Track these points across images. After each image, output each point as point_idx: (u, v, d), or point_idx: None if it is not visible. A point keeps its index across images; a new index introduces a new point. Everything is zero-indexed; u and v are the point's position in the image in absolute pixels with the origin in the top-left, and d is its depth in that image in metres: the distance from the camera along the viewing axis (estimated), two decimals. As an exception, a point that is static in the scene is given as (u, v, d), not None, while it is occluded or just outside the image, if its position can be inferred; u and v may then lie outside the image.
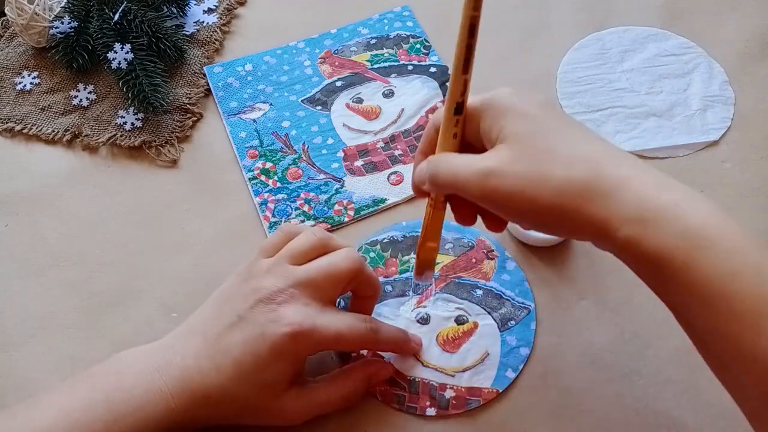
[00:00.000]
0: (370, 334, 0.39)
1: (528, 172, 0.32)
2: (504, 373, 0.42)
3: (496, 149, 0.33)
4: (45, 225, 0.51)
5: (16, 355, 0.45)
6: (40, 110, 0.57)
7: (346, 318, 0.39)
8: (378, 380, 0.42)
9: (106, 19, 0.56)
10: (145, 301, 0.47)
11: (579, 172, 0.31)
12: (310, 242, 0.40)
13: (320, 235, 0.40)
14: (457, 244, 0.48)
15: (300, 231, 0.41)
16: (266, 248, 0.41)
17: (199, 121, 0.56)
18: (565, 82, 0.57)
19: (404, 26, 0.61)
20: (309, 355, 0.39)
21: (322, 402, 0.39)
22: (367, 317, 0.41)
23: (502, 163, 0.32)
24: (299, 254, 0.39)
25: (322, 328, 0.37)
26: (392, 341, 0.41)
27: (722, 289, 0.28)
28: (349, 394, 0.40)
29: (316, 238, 0.40)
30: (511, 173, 0.32)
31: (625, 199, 0.30)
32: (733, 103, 0.55)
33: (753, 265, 0.28)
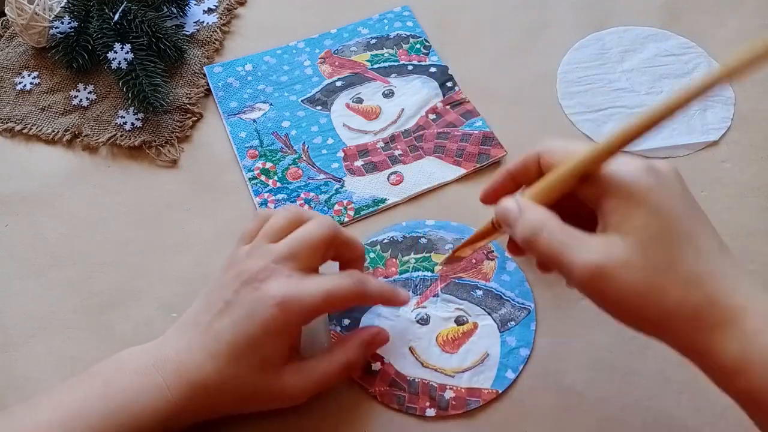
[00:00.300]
0: (359, 286, 0.39)
1: (641, 284, 0.29)
2: (504, 374, 0.42)
3: (612, 241, 0.30)
4: (45, 225, 0.51)
5: (16, 355, 0.45)
6: (40, 110, 0.57)
7: (331, 278, 0.39)
8: (375, 345, 0.41)
9: (106, 19, 0.56)
10: (145, 301, 0.47)
11: (693, 297, 0.29)
12: (285, 218, 0.40)
13: (293, 211, 0.41)
14: (457, 244, 0.48)
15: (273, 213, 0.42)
16: (244, 235, 0.41)
17: (199, 121, 0.56)
18: (565, 82, 0.57)
19: (404, 26, 0.61)
20: (302, 324, 0.39)
21: (322, 375, 0.39)
22: (352, 271, 0.41)
23: (616, 264, 0.30)
24: (275, 232, 0.40)
25: (307, 293, 0.37)
26: (380, 292, 0.41)
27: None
28: (347, 363, 0.40)
29: (290, 213, 0.41)
30: (623, 280, 0.30)
31: (732, 336, 0.29)
32: (733, 103, 0.55)
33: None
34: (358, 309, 0.45)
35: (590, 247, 0.31)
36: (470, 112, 0.55)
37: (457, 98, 0.56)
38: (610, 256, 0.30)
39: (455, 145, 0.53)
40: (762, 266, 0.47)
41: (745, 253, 0.47)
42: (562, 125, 0.55)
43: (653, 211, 0.30)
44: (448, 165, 0.52)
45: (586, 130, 0.54)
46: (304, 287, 0.37)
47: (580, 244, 0.31)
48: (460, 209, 0.50)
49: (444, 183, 0.51)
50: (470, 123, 0.54)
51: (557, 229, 0.32)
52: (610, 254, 0.30)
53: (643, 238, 0.30)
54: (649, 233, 0.30)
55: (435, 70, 0.58)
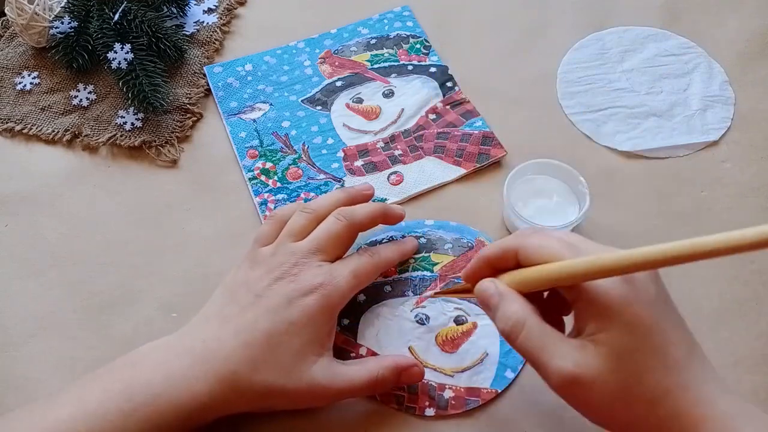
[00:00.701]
0: (374, 257, 0.43)
1: (610, 396, 0.31)
2: (503, 374, 0.42)
3: (586, 351, 0.32)
4: (45, 225, 0.51)
5: (16, 355, 0.45)
6: (40, 110, 0.57)
7: (351, 260, 0.42)
8: (409, 378, 0.41)
9: (106, 19, 0.56)
10: (145, 301, 0.47)
11: (659, 411, 0.31)
12: (306, 218, 0.43)
13: (312, 209, 0.43)
14: (456, 244, 0.48)
15: (290, 213, 0.43)
16: (261, 237, 0.43)
17: (199, 121, 0.56)
18: (565, 82, 0.57)
19: (404, 26, 0.61)
20: (340, 307, 0.40)
21: (350, 380, 0.39)
22: (365, 248, 0.44)
23: (588, 375, 0.31)
24: (298, 231, 0.42)
25: (340, 276, 0.40)
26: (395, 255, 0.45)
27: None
28: (377, 378, 0.39)
29: (309, 213, 0.43)
30: (594, 390, 0.31)
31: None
32: (733, 103, 0.55)
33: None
34: (356, 309, 0.45)
35: (565, 354, 0.32)
36: (470, 112, 0.55)
37: (457, 98, 0.56)
38: (583, 367, 0.31)
39: (455, 145, 0.53)
40: (762, 266, 0.47)
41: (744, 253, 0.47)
42: (562, 125, 0.55)
43: (627, 326, 0.31)
44: (448, 165, 0.52)
45: (586, 129, 0.54)
46: (335, 272, 0.40)
47: (556, 350, 0.32)
48: (460, 209, 0.50)
49: (444, 183, 0.51)
50: (470, 123, 0.54)
51: (536, 329, 0.33)
52: (583, 365, 0.31)
53: (616, 351, 0.31)
54: (622, 347, 0.31)
55: (435, 70, 0.58)
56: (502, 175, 0.51)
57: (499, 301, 0.35)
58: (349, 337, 0.44)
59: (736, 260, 0.47)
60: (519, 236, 0.36)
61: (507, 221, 0.48)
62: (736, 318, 0.44)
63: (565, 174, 0.48)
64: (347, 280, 0.40)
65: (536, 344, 0.33)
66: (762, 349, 0.43)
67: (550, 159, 0.48)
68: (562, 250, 0.33)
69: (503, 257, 0.36)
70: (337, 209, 0.43)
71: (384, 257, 0.44)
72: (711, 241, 0.28)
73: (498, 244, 0.37)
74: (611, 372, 0.31)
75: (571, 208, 0.47)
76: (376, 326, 0.44)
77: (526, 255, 0.35)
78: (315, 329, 0.38)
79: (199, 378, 0.36)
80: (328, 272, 0.40)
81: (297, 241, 0.42)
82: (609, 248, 0.33)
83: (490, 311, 0.35)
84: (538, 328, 0.33)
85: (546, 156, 0.48)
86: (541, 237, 0.35)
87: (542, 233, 0.36)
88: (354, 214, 0.43)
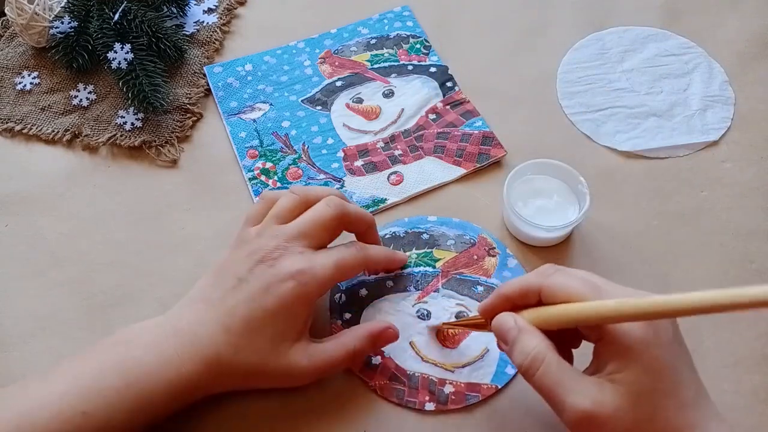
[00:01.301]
0: (361, 252, 0.42)
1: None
2: (503, 370, 0.42)
3: (604, 389, 0.33)
4: (45, 225, 0.51)
5: (16, 355, 0.45)
6: (40, 110, 0.57)
7: (337, 249, 0.41)
8: (385, 340, 0.42)
9: (106, 19, 0.56)
10: (145, 301, 0.47)
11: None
12: (294, 200, 0.42)
13: (300, 193, 0.43)
14: (458, 240, 0.48)
15: (280, 195, 0.43)
16: (251, 217, 0.43)
17: (199, 121, 0.56)
18: (565, 82, 0.57)
19: (404, 26, 0.61)
20: (317, 296, 0.40)
21: (328, 358, 0.40)
22: (353, 242, 0.43)
23: (603, 413, 0.32)
24: (285, 214, 0.42)
25: (320, 266, 0.39)
26: (381, 256, 0.44)
27: None
28: (354, 350, 0.40)
29: (298, 196, 0.42)
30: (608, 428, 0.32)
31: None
32: (733, 103, 0.55)
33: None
34: (358, 303, 0.45)
35: (582, 391, 0.33)
36: (470, 112, 0.55)
37: (457, 98, 0.56)
38: (600, 405, 0.32)
39: (455, 145, 0.53)
40: (762, 266, 0.47)
41: (745, 253, 0.47)
42: (562, 125, 0.55)
43: (646, 367, 0.32)
44: (448, 165, 0.52)
45: (586, 129, 0.54)
46: (316, 261, 0.40)
47: (574, 387, 0.33)
48: (460, 209, 0.50)
49: (444, 183, 0.52)
50: (470, 123, 0.54)
51: (554, 365, 0.34)
52: (600, 403, 0.32)
53: (633, 391, 0.32)
54: (640, 388, 0.32)
55: (435, 70, 0.58)
56: (502, 175, 0.51)
57: (518, 335, 0.35)
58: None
59: (736, 260, 0.47)
60: (540, 275, 0.36)
61: (507, 221, 0.48)
62: (736, 318, 0.44)
63: (564, 174, 0.48)
64: (327, 270, 0.39)
65: (554, 380, 0.33)
66: (762, 349, 0.43)
67: (550, 159, 0.48)
68: (585, 290, 0.34)
69: (524, 295, 0.36)
70: (329, 197, 0.42)
71: (371, 256, 0.43)
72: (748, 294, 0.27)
73: (518, 281, 0.37)
74: (627, 411, 0.32)
75: (571, 208, 0.47)
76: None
77: (550, 294, 0.35)
78: (290, 317, 0.39)
79: (185, 360, 0.37)
80: (309, 260, 0.39)
81: (283, 223, 0.41)
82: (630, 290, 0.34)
83: (507, 345, 0.36)
84: (556, 364, 0.34)
85: (546, 156, 0.48)
86: (564, 276, 0.35)
87: (564, 272, 0.36)
88: (345, 205, 0.42)
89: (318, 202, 0.42)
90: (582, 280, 0.35)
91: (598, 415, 0.32)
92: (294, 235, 0.40)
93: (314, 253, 0.40)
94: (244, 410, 0.41)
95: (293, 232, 0.40)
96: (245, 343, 0.38)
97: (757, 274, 0.46)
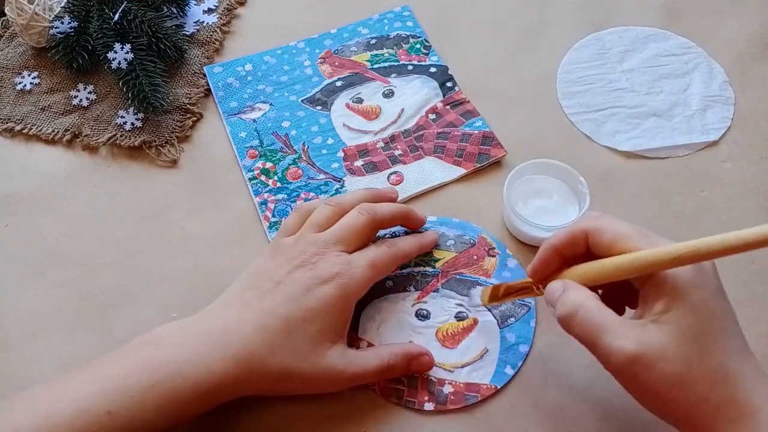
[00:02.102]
0: (393, 247, 0.44)
1: (673, 376, 0.31)
2: (503, 370, 0.42)
3: (648, 330, 0.32)
4: (45, 225, 0.51)
5: (16, 355, 0.45)
6: (40, 110, 0.57)
7: (369, 250, 0.43)
8: (419, 366, 0.42)
9: (106, 19, 0.56)
10: (145, 301, 0.47)
11: (717, 393, 0.31)
12: (329, 210, 0.44)
13: (336, 203, 0.44)
14: (458, 240, 0.48)
15: (314, 206, 0.45)
16: (286, 229, 0.44)
17: (199, 121, 0.56)
18: (565, 82, 0.57)
19: (404, 26, 0.61)
20: (357, 297, 0.41)
21: (364, 366, 0.40)
22: (382, 240, 0.45)
23: (651, 353, 0.32)
24: (321, 222, 0.43)
25: (357, 266, 0.41)
26: (414, 247, 0.46)
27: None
28: (389, 365, 0.41)
29: (332, 207, 0.44)
30: (658, 369, 0.32)
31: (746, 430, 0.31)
32: (733, 103, 0.55)
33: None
34: (359, 303, 0.45)
35: (628, 334, 0.32)
36: (470, 112, 0.55)
37: (457, 98, 0.56)
38: (647, 345, 0.32)
39: (455, 145, 0.53)
40: (762, 266, 0.47)
41: (745, 253, 0.47)
42: (562, 125, 0.55)
43: (693, 308, 0.32)
44: (448, 165, 0.52)
45: (586, 130, 0.54)
46: (353, 263, 0.41)
47: (618, 330, 0.33)
48: (460, 209, 0.50)
49: (444, 183, 0.52)
50: (470, 123, 0.54)
51: (594, 311, 0.34)
52: (647, 343, 0.32)
53: (681, 332, 0.32)
54: (687, 328, 0.32)
55: (435, 70, 0.58)
56: (502, 175, 0.51)
57: (563, 293, 0.35)
58: (349, 331, 0.44)
59: (736, 260, 0.47)
60: (587, 219, 0.37)
61: (507, 221, 0.48)
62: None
63: (564, 174, 0.48)
64: (364, 270, 0.41)
65: (596, 324, 0.33)
66: (762, 349, 0.43)
67: (550, 159, 0.48)
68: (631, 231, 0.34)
69: (573, 242, 0.37)
70: (360, 204, 0.44)
71: (402, 249, 0.45)
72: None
73: (565, 231, 0.37)
74: (675, 351, 0.31)
75: (571, 208, 0.47)
76: (376, 320, 0.45)
77: (597, 238, 0.35)
78: (330, 317, 0.39)
79: (216, 358, 0.37)
80: (346, 262, 0.41)
81: (319, 232, 0.42)
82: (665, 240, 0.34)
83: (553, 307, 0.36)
84: (597, 310, 0.34)
85: (546, 156, 0.48)
86: (610, 219, 0.36)
87: (609, 216, 0.36)
88: (376, 209, 0.44)
89: (350, 211, 0.43)
90: (628, 224, 0.35)
91: (644, 356, 0.31)
92: (331, 241, 0.42)
93: (350, 255, 0.42)
94: (245, 411, 0.41)
95: (330, 239, 0.42)
96: (282, 343, 0.38)
97: (757, 274, 0.46)
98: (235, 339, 0.38)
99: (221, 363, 0.37)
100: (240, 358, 0.37)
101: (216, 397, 0.38)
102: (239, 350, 0.37)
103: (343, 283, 0.40)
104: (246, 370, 0.37)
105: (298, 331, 0.38)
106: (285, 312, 0.38)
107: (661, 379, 0.31)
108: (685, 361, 0.31)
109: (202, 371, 0.36)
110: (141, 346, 0.38)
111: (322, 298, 0.39)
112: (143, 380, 0.36)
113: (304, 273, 0.40)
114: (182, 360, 0.37)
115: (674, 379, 0.31)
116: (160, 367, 0.36)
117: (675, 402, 0.32)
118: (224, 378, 0.37)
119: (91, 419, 0.34)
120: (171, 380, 0.36)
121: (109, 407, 0.35)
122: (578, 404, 0.41)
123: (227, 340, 0.38)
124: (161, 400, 0.36)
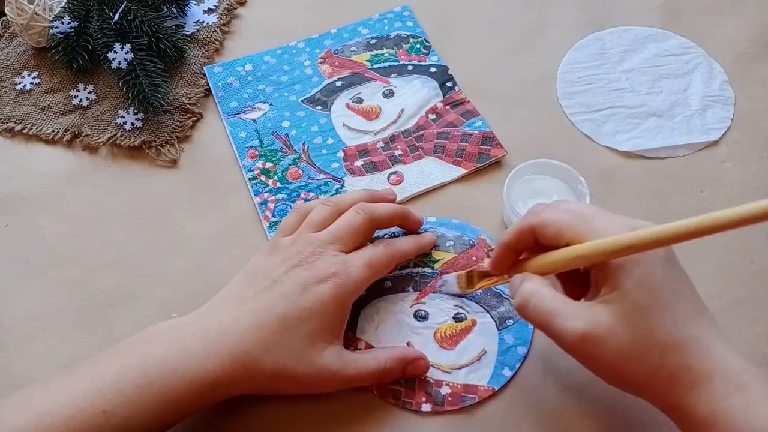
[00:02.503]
0: (391, 247, 0.44)
1: (625, 350, 0.33)
2: (500, 372, 0.42)
3: (597, 309, 0.34)
4: (45, 225, 0.51)
5: (16, 355, 0.45)
6: (40, 110, 0.57)
7: (367, 250, 0.43)
8: (414, 370, 0.42)
9: (106, 19, 0.56)
10: (145, 301, 0.47)
11: (670, 362, 0.32)
12: (327, 210, 0.44)
13: (333, 203, 0.44)
14: (458, 241, 0.48)
15: (312, 206, 0.45)
16: (284, 228, 0.44)
17: (199, 121, 0.56)
18: (565, 82, 0.57)
19: (404, 26, 0.61)
20: (354, 296, 0.41)
21: (359, 368, 0.40)
22: (379, 240, 0.45)
23: (600, 331, 0.33)
24: (318, 222, 0.43)
25: (353, 266, 0.41)
26: (411, 247, 0.46)
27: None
28: (385, 368, 0.41)
29: (330, 207, 0.44)
30: (608, 346, 0.33)
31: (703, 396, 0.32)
32: (733, 103, 0.55)
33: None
34: (356, 302, 0.45)
35: (578, 315, 0.34)
36: (470, 112, 0.55)
37: (457, 98, 0.56)
38: (596, 324, 0.33)
39: (455, 145, 0.53)
40: (762, 266, 0.47)
41: (745, 254, 0.47)
42: (562, 125, 0.55)
43: (637, 283, 0.33)
44: (448, 165, 0.52)
45: (586, 129, 0.54)
46: (350, 262, 0.41)
47: (569, 312, 0.34)
48: (460, 209, 0.50)
49: (444, 183, 0.52)
50: (470, 123, 0.54)
51: (546, 297, 0.35)
52: (595, 322, 0.33)
53: (626, 308, 0.33)
54: (632, 304, 0.33)
55: (435, 70, 0.58)
56: (502, 175, 0.51)
57: (519, 284, 0.37)
58: (347, 331, 0.44)
59: (736, 260, 0.47)
60: (531, 215, 0.38)
61: (507, 221, 0.48)
62: (736, 318, 0.44)
63: (564, 174, 0.48)
64: (361, 270, 0.41)
65: (547, 309, 0.35)
66: (762, 349, 0.43)
67: (550, 159, 0.48)
68: (573, 221, 0.35)
69: (521, 239, 0.38)
70: (358, 204, 0.44)
71: (400, 249, 0.45)
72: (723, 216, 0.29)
73: (513, 227, 0.38)
74: (622, 327, 0.33)
75: (571, 208, 0.47)
76: (375, 321, 0.45)
77: (541, 231, 0.37)
78: (327, 317, 0.39)
79: (212, 356, 0.37)
80: (343, 262, 0.41)
81: (316, 231, 0.42)
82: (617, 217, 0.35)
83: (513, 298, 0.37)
84: (549, 296, 0.35)
85: (546, 156, 0.48)
86: (553, 211, 0.37)
87: (553, 207, 0.37)
88: (374, 209, 0.44)
89: (347, 211, 0.43)
90: (570, 212, 0.36)
91: (593, 334, 0.33)
92: (328, 240, 0.42)
93: (347, 255, 0.42)
94: (242, 411, 0.41)
95: (327, 238, 0.42)
96: (278, 341, 0.38)
97: (757, 274, 0.46)
98: (231, 337, 0.38)
99: (217, 361, 0.37)
100: (235, 356, 0.37)
101: (212, 396, 0.37)
102: (235, 348, 0.37)
103: (339, 283, 0.40)
104: (241, 369, 0.37)
105: (294, 330, 0.38)
106: (281, 310, 0.38)
107: (613, 355, 0.33)
108: (634, 335, 0.32)
109: (198, 370, 0.36)
110: (136, 345, 0.38)
111: (318, 297, 0.39)
112: (138, 379, 0.36)
113: (301, 272, 0.40)
114: (177, 358, 0.37)
115: (626, 353, 0.32)
116: (156, 366, 0.36)
117: (631, 375, 0.33)
118: (220, 376, 0.37)
119: (87, 418, 0.34)
120: (167, 378, 0.36)
121: (104, 406, 0.35)
122: (576, 407, 0.41)
123: (223, 338, 0.38)
124: (157, 398, 0.36)
